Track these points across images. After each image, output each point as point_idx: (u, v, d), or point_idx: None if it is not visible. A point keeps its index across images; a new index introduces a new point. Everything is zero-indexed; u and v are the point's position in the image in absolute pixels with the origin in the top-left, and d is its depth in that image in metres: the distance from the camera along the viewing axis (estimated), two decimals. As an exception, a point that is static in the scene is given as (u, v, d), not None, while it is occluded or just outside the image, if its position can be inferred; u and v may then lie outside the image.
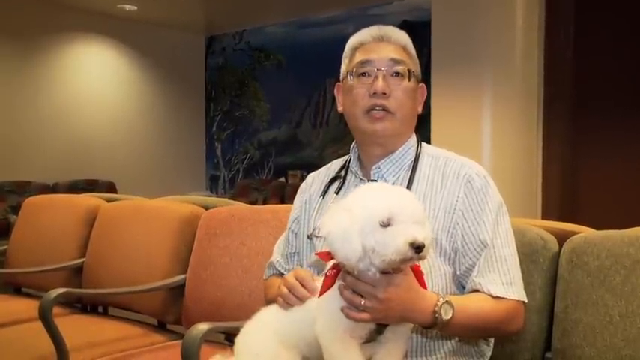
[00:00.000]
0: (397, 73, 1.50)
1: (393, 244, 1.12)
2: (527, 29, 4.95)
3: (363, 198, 1.18)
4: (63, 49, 7.71)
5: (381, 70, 1.49)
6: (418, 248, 1.12)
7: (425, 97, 1.61)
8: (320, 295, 1.22)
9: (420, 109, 1.59)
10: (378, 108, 1.48)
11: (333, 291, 1.22)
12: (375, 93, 1.48)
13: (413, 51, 1.56)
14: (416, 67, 1.55)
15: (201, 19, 8.66)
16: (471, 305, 1.35)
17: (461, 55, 5.07)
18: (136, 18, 8.16)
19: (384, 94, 1.48)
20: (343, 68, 1.57)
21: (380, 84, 1.48)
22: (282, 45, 8.53)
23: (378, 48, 1.51)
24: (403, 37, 1.55)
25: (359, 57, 1.52)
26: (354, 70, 1.52)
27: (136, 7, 7.69)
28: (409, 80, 1.51)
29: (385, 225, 1.13)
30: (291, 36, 8.42)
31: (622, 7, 5.11)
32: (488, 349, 1.53)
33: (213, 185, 9.37)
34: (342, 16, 7.74)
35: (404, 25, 7.13)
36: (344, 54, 1.58)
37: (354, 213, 1.16)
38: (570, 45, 5.22)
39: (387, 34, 1.53)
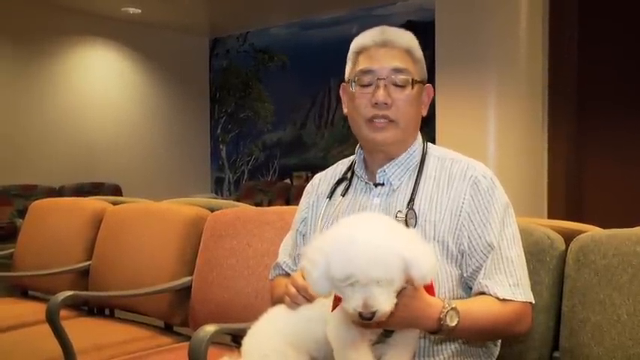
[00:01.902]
0: (400, 84, 1.48)
1: (346, 307, 1.13)
2: (532, 29, 4.93)
3: (332, 250, 1.15)
4: (67, 53, 7.73)
5: (382, 79, 1.47)
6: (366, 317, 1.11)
7: (431, 97, 1.59)
8: (333, 309, 1.23)
9: (424, 112, 1.58)
10: (379, 118, 1.48)
11: None
12: (376, 103, 1.47)
13: (418, 53, 1.53)
14: (420, 71, 1.53)
15: (205, 21, 8.67)
16: (477, 310, 1.35)
17: (465, 55, 5.05)
18: (140, 21, 8.18)
19: (386, 104, 1.47)
20: (347, 71, 1.56)
21: (381, 94, 1.46)
22: (286, 46, 8.53)
23: (380, 55, 1.49)
24: (407, 40, 1.52)
25: (361, 64, 1.50)
26: (357, 78, 1.50)
27: (140, 10, 7.70)
28: (412, 88, 1.49)
29: (349, 282, 1.12)
30: (295, 37, 8.43)
31: (626, 9, 5.09)
32: (495, 349, 1.52)
33: (218, 187, 9.38)
34: (346, 16, 7.74)
35: (408, 26, 7.17)
36: (348, 56, 1.56)
37: (321, 265, 1.16)
38: (574, 45, 5.21)
39: (389, 39, 1.50)
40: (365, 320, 1.11)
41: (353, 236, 1.14)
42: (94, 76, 8.02)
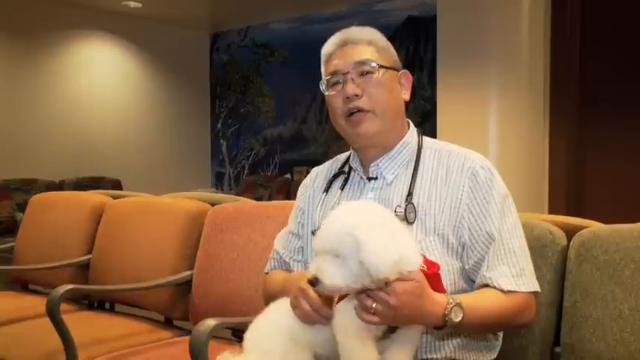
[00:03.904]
0: (366, 72, 1.49)
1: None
2: (534, 26, 4.93)
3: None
4: (68, 47, 7.71)
5: (347, 73, 1.50)
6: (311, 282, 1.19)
7: (411, 82, 1.59)
8: (338, 301, 1.23)
9: (406, 97, 1.57)
10: (354, 111, 1.49)
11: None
12: (347, 98, 1.49)
13: (382, 42, 1.55)
14: (387, 58, 1.54)
15: (205, 15, 8.65)
16: (481, 304, 1.35)
17: (467, 51, 5.04)
18: (141, 15, 8.16)
19: (356, 95, 1.48)
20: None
21: (349, 87, 1.49)
22: (287, 41, 8.52)
23: (342, 54, 1.53)
24: (367, 33, 1.55)
25: (328, 69, 1.55)
26: (327, 82, 1.55)
27: (140, 4, 7.68)
28: (379, 74, 1.50)
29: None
30: (296, 32, 8.41)
31: (629, 7, 5.08)
32: (497, 343, 1.52)
33: (218, 182, 9.38)
34: (347, 12, 7.72)
35: (409, 21, 7.16)
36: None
37: None
38: (576, 42, 5.20)
39: (349, 37, 1.54)
40: (311, 286, 1.19)
41: (336, 212, 1.23)
42: (94, 71, 8.01)
